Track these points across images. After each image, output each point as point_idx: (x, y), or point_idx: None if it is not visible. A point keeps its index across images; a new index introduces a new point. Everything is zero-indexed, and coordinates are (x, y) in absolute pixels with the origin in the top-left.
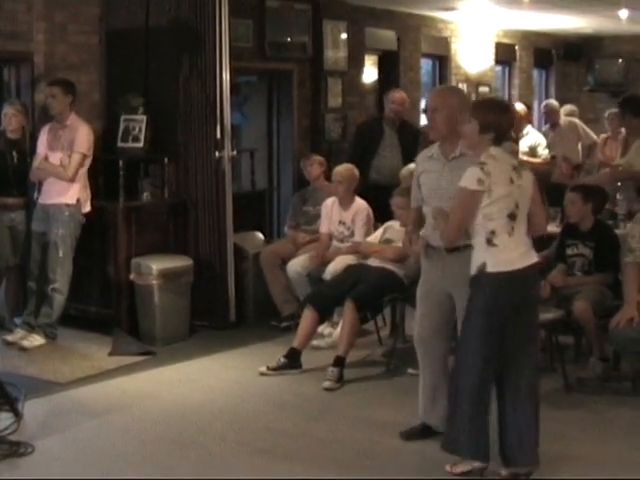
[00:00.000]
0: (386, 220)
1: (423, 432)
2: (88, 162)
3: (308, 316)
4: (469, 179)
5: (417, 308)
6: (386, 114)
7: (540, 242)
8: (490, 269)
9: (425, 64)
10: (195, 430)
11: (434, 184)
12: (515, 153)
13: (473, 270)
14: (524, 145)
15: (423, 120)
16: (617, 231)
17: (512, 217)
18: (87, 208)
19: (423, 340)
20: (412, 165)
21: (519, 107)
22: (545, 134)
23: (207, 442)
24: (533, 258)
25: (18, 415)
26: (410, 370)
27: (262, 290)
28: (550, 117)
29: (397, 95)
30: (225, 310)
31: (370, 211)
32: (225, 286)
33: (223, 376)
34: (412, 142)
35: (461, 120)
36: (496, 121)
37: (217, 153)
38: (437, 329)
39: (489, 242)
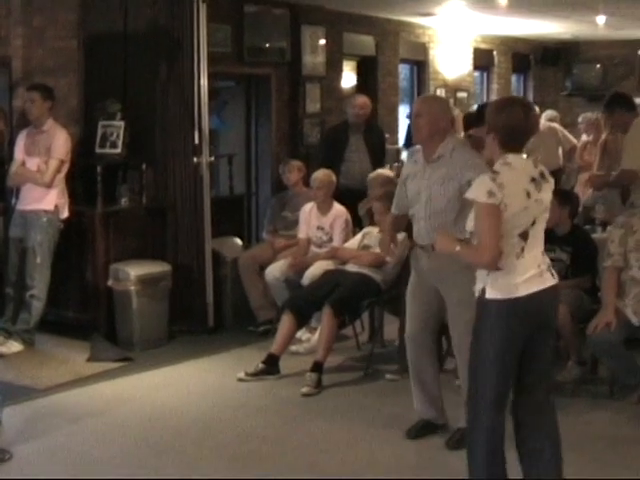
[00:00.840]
0: (357, 224)
1: (424, 428)
2: (66, 168)
3: (286, 321)
4: (478, 190)
5: (407, 306)
6: (350, 119)
7: None
8: (489, 295)
9: (403, 69)
10: (173, 435)
11: (416, 188)
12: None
13: (476, 292)
14: None
15: (402, 125)
16: (594, 235)
17: (524, 236)
18: (65, 214)
19: (413, 337)
20: (380, 170)
21: None
22: None
23: (185, 447)
24: (545, 282)
25: None
26: (388, 375)
27: (240, 295)
28: None
29: (359, 99)
30: (203, 315)
31: (349, 217)
32: (203, 291)
33: (201, 381)
34: (379, 144)
35: (443, 126)
36: (499, 121)
37: (195, 158)
38: (425, 326)
39: None
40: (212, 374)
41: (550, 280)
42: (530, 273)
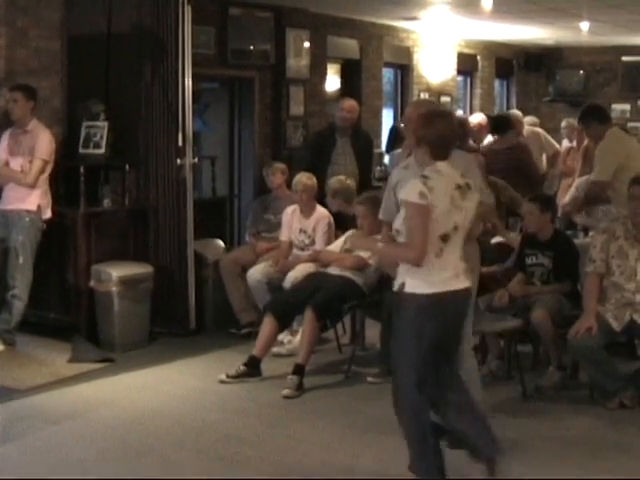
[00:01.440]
0: (343, 227)
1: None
2: (49, 168)
3: (268, 324)
4: (410, 192)
5: None
6: (337, 122)
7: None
8: (408, 289)
9: (387, 73)
10: (153, 437)
11: None
12: (481, 164)
13: (395, 286)
14: None
15: (385, 129)
16: (576, 241)
17: (444, 239)
18: (47, 214)
19: None
20: (341, 176)
21: (479, 117)
22: None
23: (165, 449)
24: (460, 284)
25: None
26: (369, 378)
27: (222, 297)
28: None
29: (347, 103)
30: (185, 317)
31: (331, 219)
32: (185, 293)
33: (182, 383)
34: (366, 149)
35: None
36: (428, 134)
37: (178, 160)
38: None
39: None
40: (193, 376)
41: (464, 283)
42: (447, 273)
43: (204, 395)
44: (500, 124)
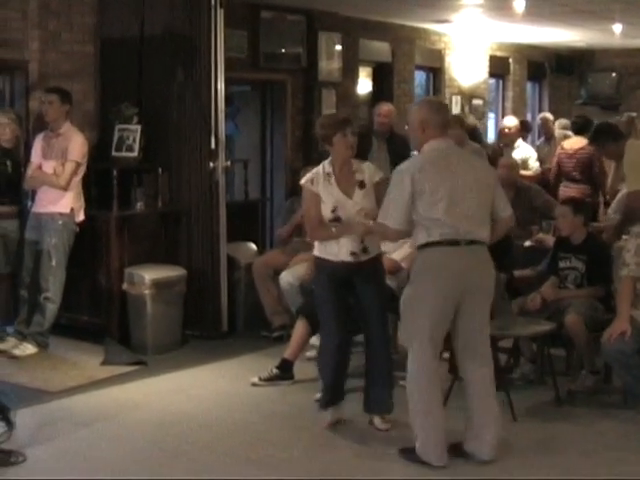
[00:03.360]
0: None
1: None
2: (82, 171)
3: (300, 327)
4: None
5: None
6: (374, 126)
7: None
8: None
9: (418, 76)
10: (184, 440)
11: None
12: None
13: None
14: (516, 158)
15: None
16: None
17: None
18: (80, 217)
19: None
20: None
21: (511, 121)
22: (540, 147)
23: (196, 452)
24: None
25: (10, 424)
26: (402, 382)
27: (254, 300)
28: (545, 130)
29: (384, 108)
30: (217, 320)
31: None
32: (217, 296)
33: (214, 386)
34: (401, 153)
35: None
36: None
37: (211, 163)
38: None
39: None
40: (225, 379)
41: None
42: None
43: (236, 398)
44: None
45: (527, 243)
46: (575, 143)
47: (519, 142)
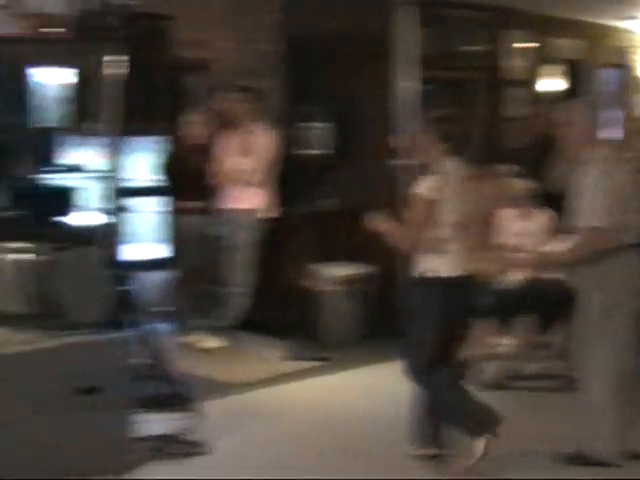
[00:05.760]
0: None
1: None
2: (273, 168)
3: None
4: None
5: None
6: None
7: None
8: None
9: (606, 74)
10: (365, 439)
11: None
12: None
13: None
14: None
15: None
16: None
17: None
18: (272, 214)
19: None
20: None
21: None
22: None
23: (377, 452)
24: None
25: (197, 415)
26: None
27: None
28: None
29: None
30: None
31: None
32: (400, 294)
33: (396, 385)
34: None
35: None
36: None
37: (394, 161)
38: None
39: None
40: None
41: None
42: None
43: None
44: None
45: None
46: None
47: None
